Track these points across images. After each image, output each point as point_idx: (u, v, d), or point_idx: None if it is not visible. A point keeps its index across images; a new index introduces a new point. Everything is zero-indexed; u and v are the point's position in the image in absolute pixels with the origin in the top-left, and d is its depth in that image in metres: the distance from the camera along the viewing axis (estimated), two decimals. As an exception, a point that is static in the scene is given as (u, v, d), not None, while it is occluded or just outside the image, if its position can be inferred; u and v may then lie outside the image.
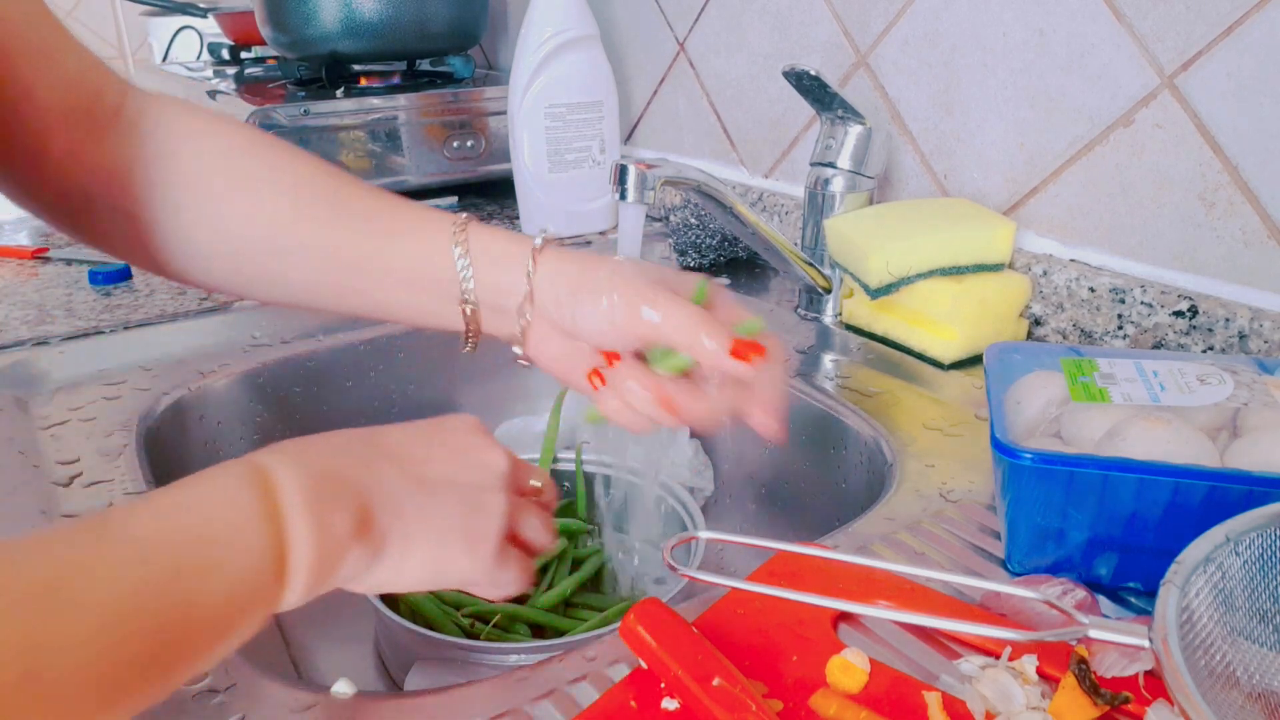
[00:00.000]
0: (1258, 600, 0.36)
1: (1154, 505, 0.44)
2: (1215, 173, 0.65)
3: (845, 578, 0.47)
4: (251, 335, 0.84)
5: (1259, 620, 0.36)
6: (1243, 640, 0.35)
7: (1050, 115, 0.75)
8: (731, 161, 1.11)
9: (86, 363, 0.78)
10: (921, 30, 0.84)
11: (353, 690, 0.42)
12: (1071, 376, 0.51)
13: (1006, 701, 0.38)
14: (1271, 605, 0.36)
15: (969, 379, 0.73)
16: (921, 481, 0.58)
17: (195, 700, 0.42)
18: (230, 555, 0.31)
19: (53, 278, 0.97)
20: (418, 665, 0.56)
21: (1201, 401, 0.47)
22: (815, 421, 0.72)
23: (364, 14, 1.14)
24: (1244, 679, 0.34)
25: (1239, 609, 0.35)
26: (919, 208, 0.82)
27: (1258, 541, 0.36)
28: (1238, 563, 0.36)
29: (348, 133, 1.14)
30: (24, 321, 0.84)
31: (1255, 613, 0.36)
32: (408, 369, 0.89)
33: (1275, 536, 0.37)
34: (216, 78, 1.41)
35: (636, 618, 0.41)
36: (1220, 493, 0.42)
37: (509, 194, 1.17)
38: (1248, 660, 0.34)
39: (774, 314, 0.88)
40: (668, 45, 1.15)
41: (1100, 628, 0.36)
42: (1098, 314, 0.73)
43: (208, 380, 0.77)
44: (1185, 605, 0.34)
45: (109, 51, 2.46)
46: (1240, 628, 0.35)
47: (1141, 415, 0.46)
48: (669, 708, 0.39)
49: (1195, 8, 0.64)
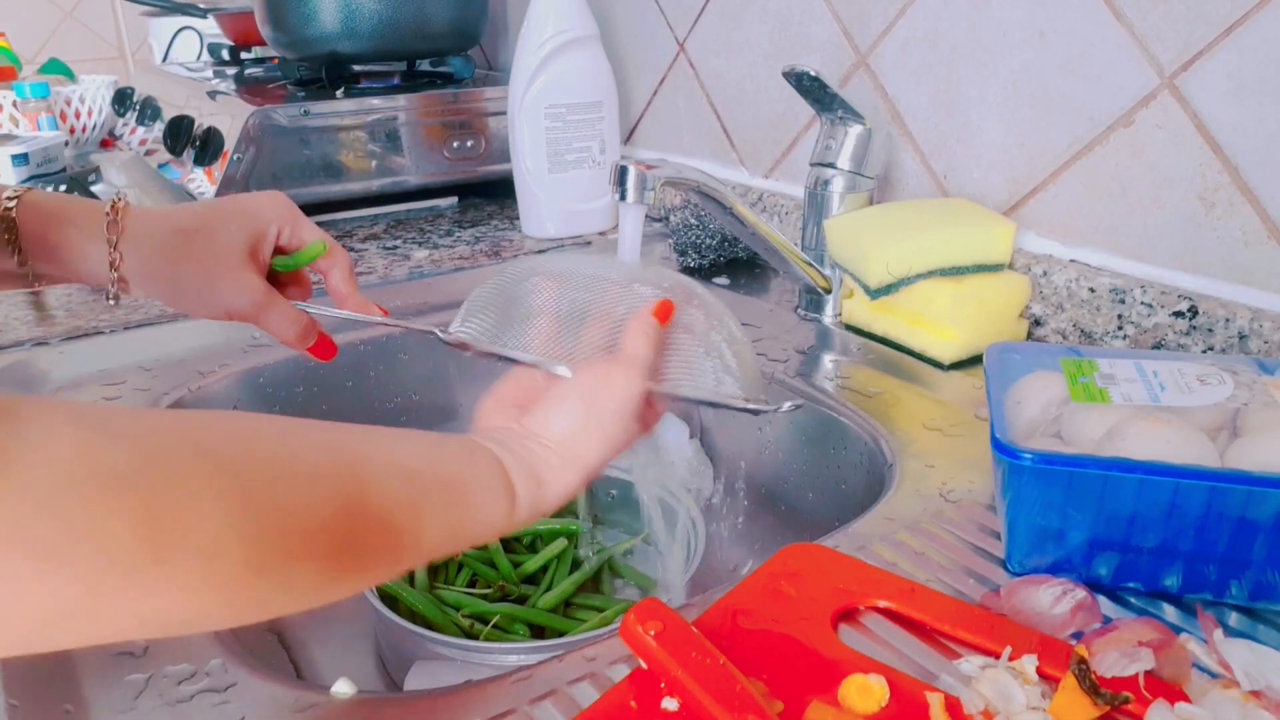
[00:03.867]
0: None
1: (1154, 505, 0.44)
2: (1215, 173, 0.65)
3: (846, 577, 0.47)
4: (251, 335, 0.84)
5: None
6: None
7: (1050, 115, 0.75)
8: (731, 162, 1.11)
9: (86, 363, 0.78)
10: (921, 30, 0.84)
11: (353, 690, 0.42)
12: (1071, 377, 0.51)
13: (1006, 701, 0.38)
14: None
15: (969, 379, 0.73)
16: (921, 481, 0.58)
17: (195, 700, 0.42)
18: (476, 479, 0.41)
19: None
20: (418, 665, 0.56)
21: (1201, 402, 0.47)
22: (815, 421, 0.72)
23: (364, 14, 1.14)
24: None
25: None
26: (919, 208, 0.82)
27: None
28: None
29: (348, 133, 1.14)
30: (24, 321, 0.84)
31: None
32: (408, 369, 0.89)
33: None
34: (216, 78, 1.41)
35: (636, 618, 0.41)
36: (1220, 493, 0.42)
37: (509, 194, 1.17)
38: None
39: (774, 314, 0.88)
40: (668, 45, 1.15)
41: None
42: (1098, 314, 0.73)
43: (207, 380, 0.77)
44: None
45: (109, 52, 2.46)
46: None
47: (1141, 415, 0.46)
48: (669, 708, 0.39)
49: (1195, 8, 0.64)
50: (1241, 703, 0.37)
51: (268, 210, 0.59)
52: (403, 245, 1.09)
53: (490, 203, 1.29)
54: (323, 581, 0.33)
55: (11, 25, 2.03)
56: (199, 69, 1.56)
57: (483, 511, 0.40)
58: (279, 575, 0.31)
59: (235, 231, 0.57)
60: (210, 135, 1.13)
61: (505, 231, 1.15)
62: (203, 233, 0.56)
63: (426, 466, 0.39)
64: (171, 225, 0.57)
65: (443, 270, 1.01)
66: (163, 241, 0.56)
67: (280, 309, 0.58)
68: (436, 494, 0.38)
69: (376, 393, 0.88)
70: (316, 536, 0.32)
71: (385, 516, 0.35)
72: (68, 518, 0.25)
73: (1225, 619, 0.45)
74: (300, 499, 0.32)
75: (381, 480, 0.36)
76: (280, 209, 0.59)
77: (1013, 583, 0.47)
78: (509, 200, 1.20)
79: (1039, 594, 0.45)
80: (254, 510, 0.30)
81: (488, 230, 1.16)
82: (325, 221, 1.18)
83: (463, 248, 1.08)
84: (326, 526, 0.33)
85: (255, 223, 0.58)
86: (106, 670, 0.44)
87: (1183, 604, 0.46)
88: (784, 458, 0.76)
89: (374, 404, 0.88)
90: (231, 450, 0.31)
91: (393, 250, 1.07)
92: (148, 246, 0.56)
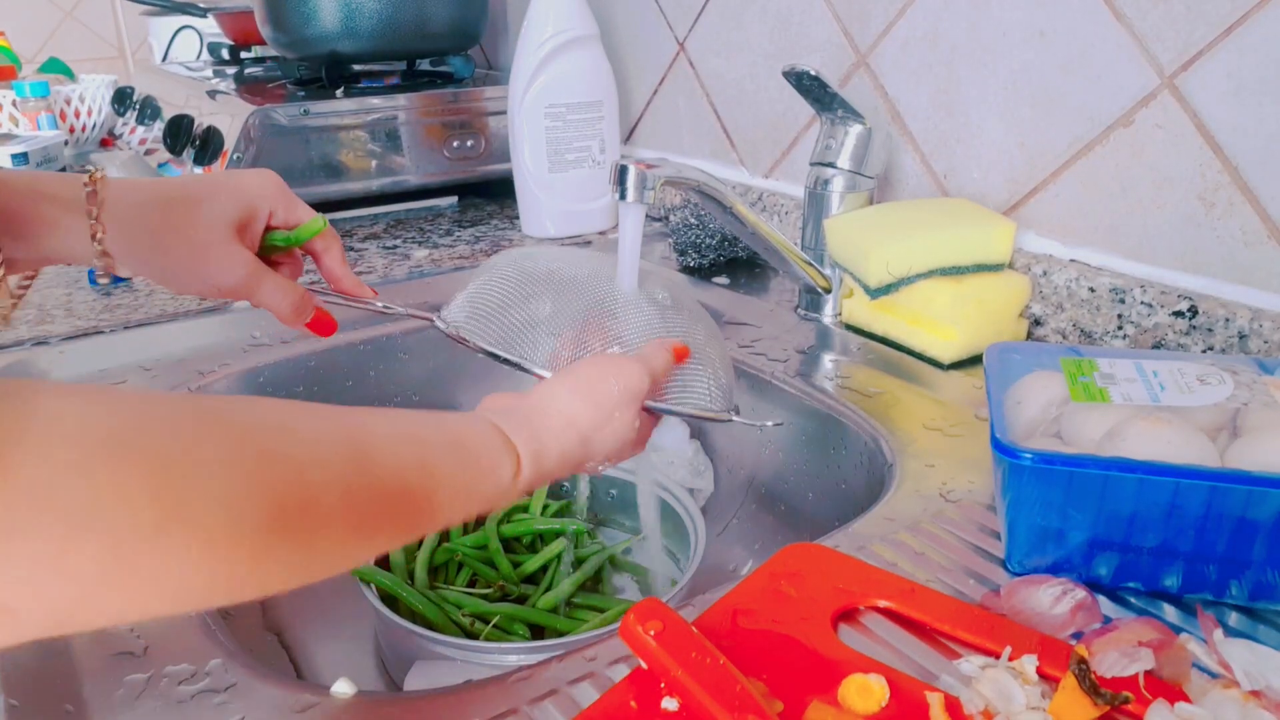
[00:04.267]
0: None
1: (1154, 505, 0.44)
2: (1215, 173, 0.65)
3: (846, 577, 0.47)
4: (251, 335, 0.84)
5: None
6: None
7: (1050, 115, 0.75)
8: (731, 161, 1.11)
9: (86, 363, 0.78)
10: (921, 30, 0.84)
11: (353, 690, 0.42)
12: (1071, 376, 0.51)
13: (1006, 702, 0.38)
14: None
15: (969, 379, 0.73)
16: (921, 481, 0.58)
17: (195, 700, 0.42)
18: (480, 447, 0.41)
19: (53, 278, 0.97)
20: (418, 665, 0.56)
21: (1201, 401, 0.47)
22: (815, 421, 0.72)
23: (364, 14, 1.14)
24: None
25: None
26: (919, 208, 0.82)
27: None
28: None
29: (348, 133, 1.14)
30: (24, 321, 0.84)
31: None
32: (407, 369, 0.89)
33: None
34: (216, 78, 1.41)
35: (636, 618, 0.41)
36: (1220, 493, 0.42)
37: (509, 194, 1.17)
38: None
39: (774, 314, 0.88)
40: (668, 45, 1.15)
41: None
42: (1098, 314, 0.73)
43: (207, 380, 0.77)
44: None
45: (109, 51, 2.46)
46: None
47: (1141, 415, 0.46)
48: (669, 708, 0.39)
49: (1195, 8, 0.64)
50: (1241, 703, 0.37)
51: (257, 187, 0.57)
52: (402, 245, 1.10)
53: (490, 202, 1.29)
54: (344, 543, 0.33)
55: (11, 25, 2.03)
56: (199, 68, 1.56)
57: (490, 472, 0.41)
58: (299, 536, 0.31)
59: (224, 204, 0.55)
60: (210, 135, 1.13)
61: (505, 231, 1.15)
62: (188, 203, 0.54)
63: (430, 432, 0.39)
64: (154, 195, 0.54)
65: (442, 270, 1.01)
66: (146, 212, 0.54)
67: (273, 281, 0.56)
68: (443, 453, 0.39)
69: (376, 393, 0.88)
70: (332, 493, 0.32)
71: (396, 475, 0.36)
72: (94, 480, 0.25)
73: (1225, 619, 0.45)
74: (310, 455, 0.32)
75: (387, 443, 0.36)
76: (270, 187, 0.57)
77: (1013, 583, 0.47)
78: (509, 200, 1.20)
79: (1039, 594, 0.45)
80: (267, 465, 0.30)
81: (487, 230, 1.16)
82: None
83: (462, 247, 1.08)
84: (341, 482, 0.33)
85: (245, 198, 0.56)
86: (106, 670, 0.44)
87: (1183, 604, 0.46)
88: (784, 458, 0.76)
89: (373, 404, 0.88)
90: (235, 414, 0.31)
91: (392, 250, 1.07)
92: (130, 217, 0.53)
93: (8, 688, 0.42)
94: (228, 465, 0.29)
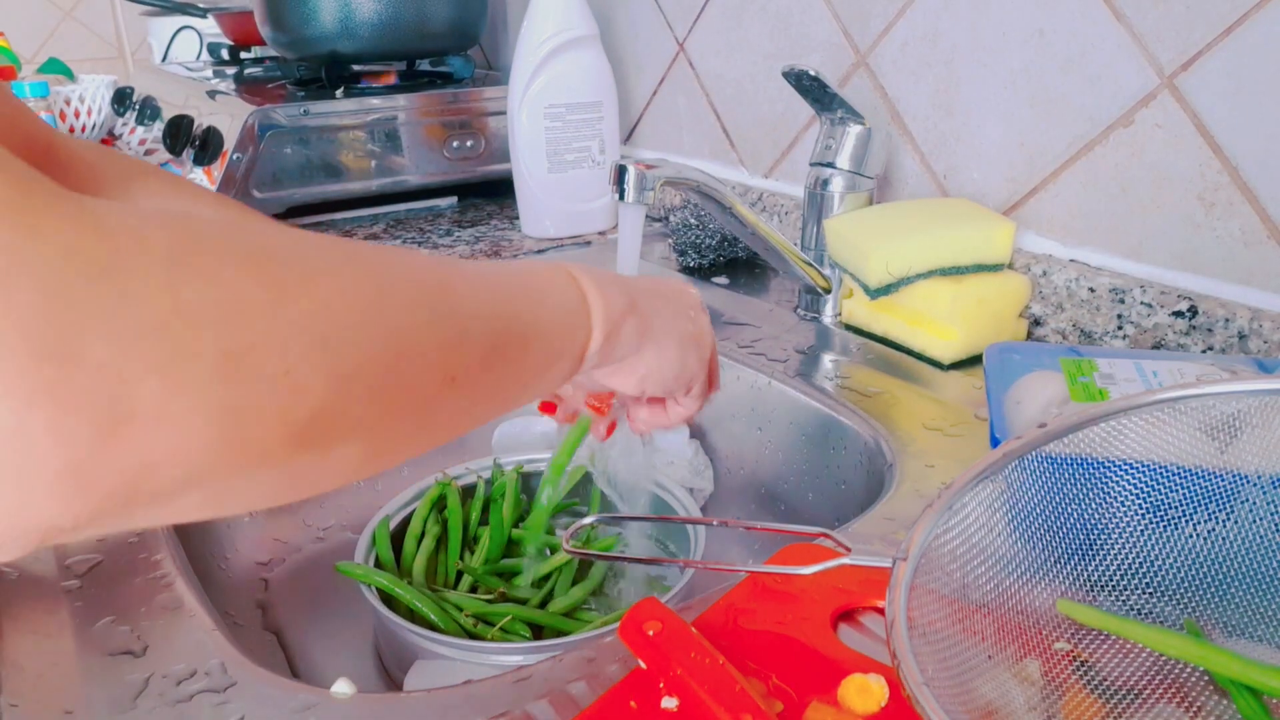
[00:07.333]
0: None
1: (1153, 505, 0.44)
2: (1215, 173, 0.65)
3: (846, 577, 0.47)
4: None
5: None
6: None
7: (1050, 115, 0.75)
8: (731, 161, 1.11)
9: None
10: (921, 30, 0.84)
11: (353, 690, 0.42)
12: (1071, 376, 0.51)
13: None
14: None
15: (969, 379, 0.73)
16: (921, 481, 0.58)
17: (195, 700, 0.42)
18: (552, 291, 0.40)
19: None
20: (417, 665, 0.56)
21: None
22: (815, 421, 0.72)
23: (363, 14, 1.14)
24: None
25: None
26: (919, 208, 0.82)
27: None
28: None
29: (347, 133, 1.14)
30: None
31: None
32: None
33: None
34: (216, 78, 1.41)
35: (636, 618, 0.41)
36: (1220, 493, 0.42)
37: (509, 194, 1.17)
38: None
39: (774, 314, 0.88)
40: (668, 45, 1.15)
41: (860, 554, 0.42)
42: (1097, 314, 0.73)
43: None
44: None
45: (109, 51, 2.46)
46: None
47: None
48: (669, 707, 0.39)
49: (1195, 8, 0.64)
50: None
51: None
52: (402, 245, 1.09)
53: (490, 202, 1.29)
54: (481, 376, 0.33)
55: (11, 25, 2.03)
56: (198, 69, 1.56)
57: (565, 304, 0.40)
58: (440, 370, 0.31)
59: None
60: (210, 135, 1.13)
61: (505, 231, 1.15)
62: None
63: (499, 275, 0.38)
64: None
65: (442, 270, 1.00)
66: None
67: None
68: (520, 293, 0.38)
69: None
70: (482, 345, 0.33)
71: (489, 313, 0.35)
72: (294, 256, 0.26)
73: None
74: (471, 310, 0.33)
75: (468, 284, 0.35)
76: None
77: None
78: (509, 200, 1.20)
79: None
80: (386, 286, 0.29)
81: (487, 230, 1.16)
82: (325, 221, 1.18)
83: (462, 248, 1.08)
84: (490, 336, 0.34)
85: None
86: (106, 670, 0.44)
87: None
88: (784, 458, 0.76)
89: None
90: (332, 244, 0.29)
91: (392, 250, 1.07)
92: None
93: (8, 688, 0.42)
94: (357, 288, 0.28)
